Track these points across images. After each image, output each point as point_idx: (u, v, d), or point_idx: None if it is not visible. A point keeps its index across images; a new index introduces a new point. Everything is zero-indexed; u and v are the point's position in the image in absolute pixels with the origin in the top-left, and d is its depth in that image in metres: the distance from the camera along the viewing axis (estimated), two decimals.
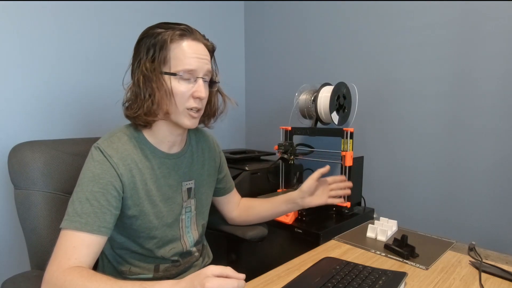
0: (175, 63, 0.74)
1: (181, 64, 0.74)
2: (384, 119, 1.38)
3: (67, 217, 0.69)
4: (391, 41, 1.34)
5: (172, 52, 0.74)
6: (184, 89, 0.75)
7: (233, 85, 1.89)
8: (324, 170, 0.97)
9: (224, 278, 0.56)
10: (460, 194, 1.20)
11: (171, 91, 0.74)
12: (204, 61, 0.76)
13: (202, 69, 0.76)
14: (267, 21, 1.81)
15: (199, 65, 0.75)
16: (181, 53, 0.74)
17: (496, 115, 1.11)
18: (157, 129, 0.81)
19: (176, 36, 0.74)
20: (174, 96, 0.74)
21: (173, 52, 0.74)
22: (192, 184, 0.89)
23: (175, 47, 0.74)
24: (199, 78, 0.76)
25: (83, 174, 0.73)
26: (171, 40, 0.74)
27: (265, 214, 1.03)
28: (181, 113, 0.76)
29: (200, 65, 0.75)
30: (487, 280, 0.73)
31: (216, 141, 1.02)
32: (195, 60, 0.75)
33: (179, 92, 0.74)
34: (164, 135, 0.81)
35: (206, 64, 0.77)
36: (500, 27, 1.08)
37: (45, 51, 1.19)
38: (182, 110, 0.76)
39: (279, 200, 1.01)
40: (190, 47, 0.75)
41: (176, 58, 0.74)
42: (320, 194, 0.99)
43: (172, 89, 0.74)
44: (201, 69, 0.76)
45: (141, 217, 0.79)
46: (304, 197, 0.97)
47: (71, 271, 0.63)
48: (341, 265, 0.75)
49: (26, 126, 1.17)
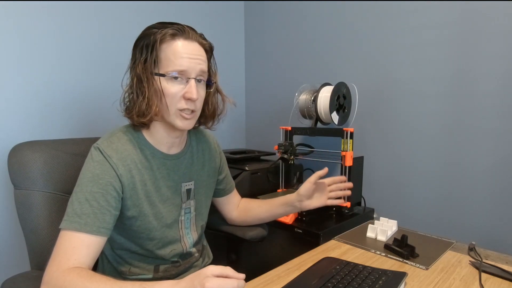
0: (166, 64, 0.73)
1: (172, 65, 0.73)
2: (384, 119, 1.38)
3: (66, 217, 0.69)
4: (391, 41, 1.34)
5: (163, 53, 0.73)
6: (175, 90, 0.73)
7: (233, 85, 1.89)
8: (322, 172, 0.95)
9: (224, 278, 0.55)
10: (460, 194, 1.20)
11: (162, 92, 0.73)
12: (196, 61, 0.74)
13: (194, 69, 0.74)
14: (267, 21, 1.81)
15: (190, 66, 0.73)
16: (171, 54, 0.73)
17: (496, 115, 1.11)
18: (154, 130, 0.80)
19: (167, 36, 0.73)
20: (165, 97, 0.73)
21: (164, 53, 0.73)
22: (192, 185, 0.89)
23: (166, 47, 0.73)
24: (191, 79, 0.74)
25: (83, 174, 0.73)
26: (161, 40, 0.72)
27: (263, 216, 1.02)
28: (173, 114, 0.75)
29: (191, 65, 0.74)
30: (487, 280, 0.73)
31: (217, 142, 1.01)
32: (186, 61, 0.73)
33: (169, 93, 0.73)
34: (161, 136, 0.81)
35: (199, 64, 0.75)
36: (500, 27, 1.08)
37: (45, 51, 1.19)
38: (174, 111, 0.75)
39: (277, 203, 1.00)
40: (181, 47, 0.73)
41: (167, 58, 0.73)
42: (319, 196, 0.98)
43: (163, 90, 0.73)
44: (193, 70, 0.74)
45: (141, 217, 0.78)
46: (302, 200, 0.96)
47: (70, 271, 0.62)
48: (341, 265, 0.75)
49: (26, 126, 1.17)
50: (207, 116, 0.86)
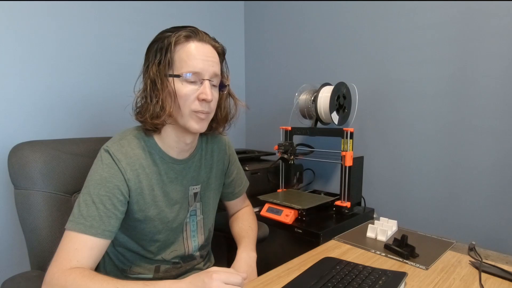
0: (180, 65, 0.73)
1: (186, 66, 0.72)
2: (384, 119, 1.38)
3: (72, 218, 0.69)
4: (391, 41, 1.34)
5: (176, 54, 0.73)
6: (188, 91, 0.73)
7: (233, 85, 1.88)
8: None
9: (229, 273, 0.61)
10: (460, 194, 1.20)
11: (175, 93, 0.72)
12: (210, 63, 0.74)
13: (208, 71, 0.74)
14: (267, 21, 1.81)
15: (204, 67, 0.73)
16: (185, 55, 0.73)
17: (496, 115, 1.11)
18: (166, 135, 0.79)
19: (181, 38, 0.73)
20: (178, 98, 0.73)
21: (178, 54, 0.73)
22: (198, 188, 0.88)
23: (180, 49, 0.73)
24: (205, 80, 0.74)
25: (91, 176, 0.73)
26: (175, 42, 0.72)
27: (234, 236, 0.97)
28: (188, 116, 0.74)
29: (205, 67, 0.73)
30: (487, 280, 0.73)
31: (230, 143, 0.99)
32: (200, 62, 0.73)
33: (183, 94, 0.73)
34: (172, 141, 0.80)
35: (213, 66, 0.75)
36: (500, 27, 1.08)
37: (45, 52, 1.19)
38: (188, 112, 0.74)
39: (238, 242, 0.92)
40: (195, 49, 0.73)
41: (181, 60, 0.73)
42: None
43: (176, 91, 0.72)
44: (206, 71, 0.74)
45: (146, 221, 0.79)
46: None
47: (72, 271, 0.63)
48: (341, 265, 0.75)
49: (26, 126, 1.17)
50: (219, 120, 0.85)
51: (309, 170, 1.60)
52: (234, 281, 0.60)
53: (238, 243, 0.91)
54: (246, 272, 0.79)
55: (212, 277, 0.59)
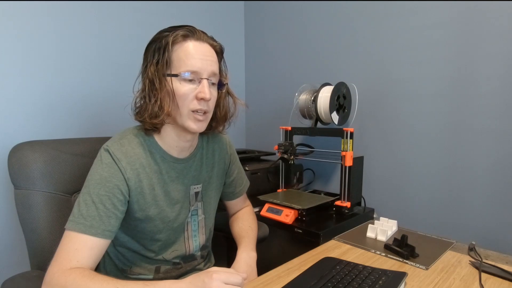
0: (178, 64, 0.73)
1: (184, 65, 0.72)
2: (384, 119, 1.38)
3: (72, 218, 0.69)
4: (391, 41, 1.33)
5: (174, 54, 0.73)
6: (187, 90, 0.73)
7: (233, 85, 1.89)
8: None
9: (229, 273, 0.61)
10: (460, 194, 1.20)
11: (173, 92, 0.72)
12: (208, 62, 0.74)
13: (206, 70, 0.74)
14: (267, 21, 1.81)
15: (202, 66, 0.73)
16: (183, 54, 0.73)
17: (496, 115, 1.11)
18: (165, 135, 0.79)
19: (178, 38, 0.73)
20: (176, 97, 0.73)
21: (176, 54, 0.73)
22: (200, 188, 0.88)
23: (178, 48, 0.73)
24: (203, 79, 0.74)
25: (91, 175, 0.73)
26: (173, 41, 0.72)
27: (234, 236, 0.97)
28: (186, 116, 0.74)
29: (203, 66, 0.73)
30: (487, 280, 0.73)
31: (231, 143, 0.99)
32: (198, 61, 0.73)
33: (181, 93, 0.73)
34: (172, 140, 0.80)
35: (211, 65, 0.75)
36: (500, 27, 1.08)
37: (45, 52, 1.19)
38: (186, 112, 0.74)
39: (238, 242, 0.93)
40: (193, 48, 0.73)
41: (179, 59, 0.73)
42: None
43: (174, 90, 0.72)
44: (204, 70, 0.74)
45: (147, 221, 0.79)
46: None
47: (72, 271, 0.63)
48: (341, 265, 0.75)
49: (26, 126, 1.17)
50: (218, 119, 0.85)
51: (309, 170, 1.60)
52: (234, 281, 0.61)
53: (238, 243, 0.92)
54: (246, 272, 0.79)
55: (212, 277, 0.59)
